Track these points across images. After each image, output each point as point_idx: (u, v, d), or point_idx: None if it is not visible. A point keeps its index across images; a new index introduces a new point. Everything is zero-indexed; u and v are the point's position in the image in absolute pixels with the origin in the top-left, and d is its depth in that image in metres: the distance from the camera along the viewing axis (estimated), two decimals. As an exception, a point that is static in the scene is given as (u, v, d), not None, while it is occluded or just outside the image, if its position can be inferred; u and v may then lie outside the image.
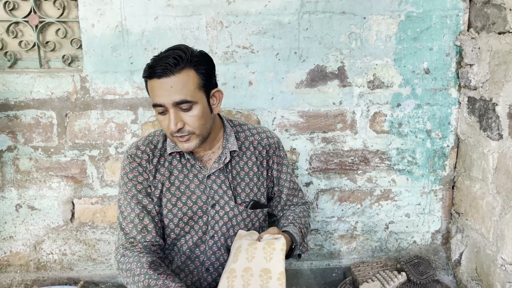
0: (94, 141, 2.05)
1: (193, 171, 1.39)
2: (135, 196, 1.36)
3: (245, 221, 1.43)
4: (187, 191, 1.38)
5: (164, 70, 1.22)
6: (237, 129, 1.48)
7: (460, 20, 2.01)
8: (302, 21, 1.98)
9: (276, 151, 1.50)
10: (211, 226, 1.40)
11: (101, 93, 2.00)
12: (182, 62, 1.23)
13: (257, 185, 1.46)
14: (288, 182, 1.54)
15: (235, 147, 1.41)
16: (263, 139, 1.49)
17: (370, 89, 2.07)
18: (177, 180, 1.39)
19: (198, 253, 1.41)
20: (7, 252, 2.16)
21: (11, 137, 2.04)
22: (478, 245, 1.98)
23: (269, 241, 1.26)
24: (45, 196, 2.10)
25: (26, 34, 2.03)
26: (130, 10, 1.93)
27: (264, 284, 1.18)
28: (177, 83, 1.23)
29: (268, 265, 1.20)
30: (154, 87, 1.25)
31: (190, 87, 1.25)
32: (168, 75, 1.22)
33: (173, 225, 1.38)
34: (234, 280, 1.21)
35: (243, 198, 1.43)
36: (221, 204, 1.40)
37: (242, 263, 1.23)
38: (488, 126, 1.86)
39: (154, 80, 1.24)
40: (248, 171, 1.44)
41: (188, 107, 1.25)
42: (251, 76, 2.02)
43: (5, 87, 1.98)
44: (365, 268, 2.11)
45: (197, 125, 1.28)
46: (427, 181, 2.19)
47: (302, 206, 1.58)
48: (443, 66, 2.06)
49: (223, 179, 1.40)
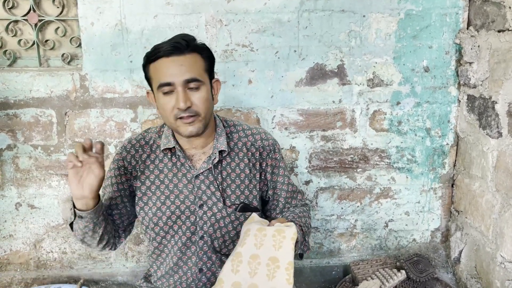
0: (94, 139, 2.05)
1: (182, 170, 1.38)
2: (108, 186, 1.40)
3: (233, 224, 1.40)
4: (175, 190, 1.37)
5: (176, 48, 1.24)
6: (231, 129, 1.45)
7: (460, 18, 2.01)
8: (302, 19, 1.98)
9: (270, 153, 1.45)
10: (199, 227, 1.38)
11: (100, 92, 2.00)
12: (191, 44, 1.27)
13: (249, 188, 1.42)
14: (286, 185, 1.50)
15: (224, 146, 1.37)
16: (257, 141, 1.44)
17: (370, 87, 2.07)
18: (166, 179, 1.38)
19: (189, 254, 1.40)
20: (7, 250, 2.16)
21: (11, 136, 2.04)
22: (478, 243, 1.98)
23: (279, 228, 1.20)
24: (45, 194, 2.10)
25: (26, 32, 2.03)
26: (130, 9, 1.92)
27: (271, 274, 1.14)
28: (187, 62, 1.25)
29: (276, 254, 1.16)
30: (161, 67, 1.26)
31: (199, 67, 1.28)
32: (178, 54, 1.24)
33: (162, 223, 1.37)
34: (240, 265, 1.17)
35: (233, 200, 1.40)
36: (209, 205, 1.37)
37: (249, 248, 1.19)
38: (488, 124, 1.87)
39: (162, 60, 1.25)
40: (239, 173, 1.41)
41: (197, 87, 1.26)
42: (250, 75, 2.02)
43: (4, 85, 1.98)
44: (364, 266, 2.11)
45: (204, 107, 1.28)
46: (426, 179, 2.19)
47: (301, 208, 1.54)
48: (443, 64, 2.06)
49: (211, 179, 1.37)
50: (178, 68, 1.24)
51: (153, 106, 2.02)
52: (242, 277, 1.17)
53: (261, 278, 1.15)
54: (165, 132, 1.40)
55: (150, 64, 1.29)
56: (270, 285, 1.14)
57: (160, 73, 1.26)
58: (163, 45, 1.25)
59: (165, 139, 1.38)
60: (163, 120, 1.38)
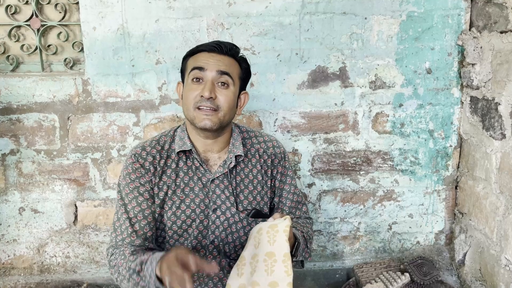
0: (97, 144, 2.05)
1: (197, 173, 1.38)
2: (135, 198, 1.34)
3: (245, 229, 1.41)
4: (190, 194, 1.37)
5: (219, 46, 1.31)
6: (244, 135, 1.47)
7: (462, 19, 2.01)
8: (303, 22, 1.98)
9: (281, 161, 1.48)
10: (211, 231, 1.39)
11: (103, 96, 2.01)
12: (234, 50, 1.34)
13: (261, 194, 1.44)
14: (291, 194, 1.51)
15: (240, 151, 1.39)
16: (269, 148, 1.47)
17: (372, 89, 2.07)
18: (182, 183, 1.37)
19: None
20: (10, 255, 2.17)
21: (14, 141, 2.04)
22: (482, 245, 1.97)
23: (272, 223, 1.21)
24: (48, 199, 2.11)
25: (28, 37, 2.04)
26: (131, 13, 1.93)
27: (269, 269, 1.15)
28: (225, 60, 1.32)
29: (271, 248, 1.17)
30: (200, 56, 1.32)
31: (234, 70, 1.33)
32: (219, 52, 1.31)
33: (176, 227, 1.37)
34: (243, 268, 1.20)
35: (245, 205, 1.41)
36: (222, 209, 1.38)
37: (250, 250, 1.21)
38: (491, 125, 1.86)
39: (203, 53, 1.33)
40: (252, 179, 1.43)
41: (227, 83, 1.30)
42: (252, 78, 2.00)
43: (7, 90, 1.99)
44: (368, 269, 2.10)
45: (226, 105, 1.30)
46: (430, 181, 2.18)
47: (305, 220, 1.53)
48: (445, 66, 2.06)
49: (226, 184, 1.39)
50: (214, 61, 1.30)
51: (155, 110, 2.03)
52: (245, 278, 1.19)
53: (260, 274, 1.16)
54: (179, 135, 1.40)
55: (189, 57, 1.35)
56: (270, 280, 1.15)
57: (197, 60, 1.32)
58: (207, 43, 1.34)
59: (180, 141, 1.38)
60: (182, 112, 1.39)
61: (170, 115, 2.03)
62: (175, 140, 1.40)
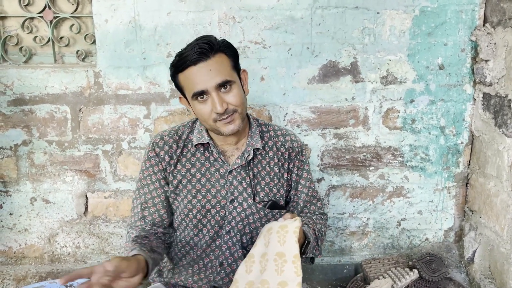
0: (107, 135, 2.07)
1: (215, 165, 1.40)
2: (147, 185, 1.41)
3: (261, 220, 1.43)
4: (207, 184, 1.40)
5: (200, 54, 1.24)
6: (262, 128, 1.48)
7: (476, 15, 1.98)
8: (315, 16, 1.97)
9: (298, 155, 1.49)
10: (227, 221, 1.41)
11: (114, 88, 2.02)
12: (215, 46, 1.27)
13: (277, 186, 1.45)
14: (306, 188, 1.52)
15: (259, 145, 1.41)
16: (287, 142, 1.49)
17: (383, 84, 2.05)
18: (198, 173, 1.40)
19: (213, 247, 1.43)
20: (22, 244, 2.20)
21: (26, 131, 2.07)
22: (492, 243, 1.95)
23: (282, 224, 1.23)
24: (59, 189, 2.13)
25: (41, 29, 2.05)
26: (143, 6, 1.93)
27: (279, 268, 1.18)
28: (215, 65, 1.26)
29: (282, 249, 1.19)
30: (191, 75, 1.27)
31: (226, 67, 1.29)
32: (205, 59, 1.25)
33: (192, 216, 1.40)
34: (252, 265, 1.22)
35: (262, 197, 1.43)
36: (239, 200, 1.40)
37: (260, 248, 1.23)
38: (504, 122, 1.84)
39: (190, 69, 1.26)
40: (269, 171, 1.44)
41: (229, 87, 1.28)
42: (263, 72, 2.02)
43: (20, 82, 2.01)
44: (376, 264, 2.10)
45: (239, 103, 1.30)
46: (440, 178, 2.17)
47: (319, 215, 1.54)
48: (458, 62, 2.03)
49: (244, 176, 1.40)
50: (207, 74, 1.25)
51: (165, 103, 2.03)
52: (254, 276, 1.21)
53: (270, 273, 1.18)
54: (198, 127, 1.42)
55: (178, 74, 1.30)
56: (280, 279, 1.17)
57: (191, 83, 1.27)
58: (187, 53, 1.26)
59: (198, 134, 1.41)
60: (198, 121, 1.40)
61: (180, 108, 2.04)
62: (194, 132, 1.43)
